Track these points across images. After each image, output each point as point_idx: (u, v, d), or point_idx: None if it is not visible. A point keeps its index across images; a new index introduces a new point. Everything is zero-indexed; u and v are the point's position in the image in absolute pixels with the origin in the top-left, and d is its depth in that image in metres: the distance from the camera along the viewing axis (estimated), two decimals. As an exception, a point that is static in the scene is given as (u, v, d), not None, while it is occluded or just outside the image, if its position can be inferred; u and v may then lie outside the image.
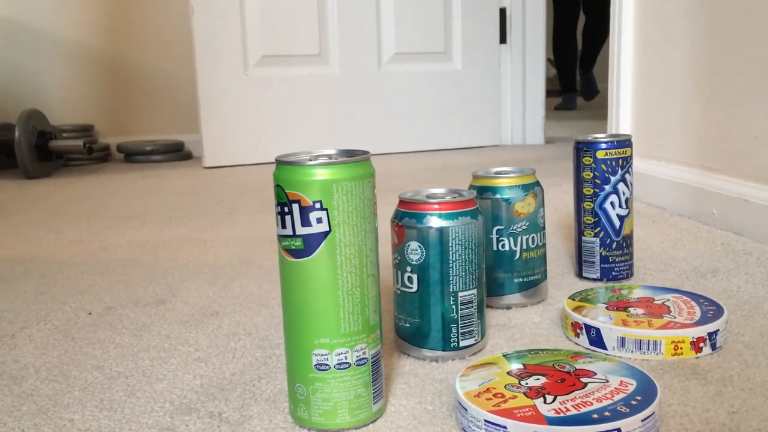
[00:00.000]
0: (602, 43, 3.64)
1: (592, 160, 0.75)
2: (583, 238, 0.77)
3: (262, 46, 1.92)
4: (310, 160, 0.46)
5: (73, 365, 0.60)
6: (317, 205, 0.44)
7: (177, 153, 2.19)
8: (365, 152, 0.47)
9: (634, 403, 0.44)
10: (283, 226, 0.46)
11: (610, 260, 0.76)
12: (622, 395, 0.45)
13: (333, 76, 2.00)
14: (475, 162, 1.85)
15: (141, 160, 2.14)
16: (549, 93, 3.33)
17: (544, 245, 0.71)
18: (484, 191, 0.69)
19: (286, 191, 0.45)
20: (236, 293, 0.79)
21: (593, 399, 0.45)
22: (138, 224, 1.21)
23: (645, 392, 0.45)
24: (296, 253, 0.45)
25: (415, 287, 0.57)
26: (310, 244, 0.45)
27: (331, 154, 0.48)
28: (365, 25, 2.01)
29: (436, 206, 0.56)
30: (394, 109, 2.07)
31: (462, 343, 0.58)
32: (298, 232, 0.45)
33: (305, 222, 0.45)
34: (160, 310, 0.74)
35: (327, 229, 0.45)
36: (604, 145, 0.75)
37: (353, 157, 0.46)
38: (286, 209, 0.45)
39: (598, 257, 0.76)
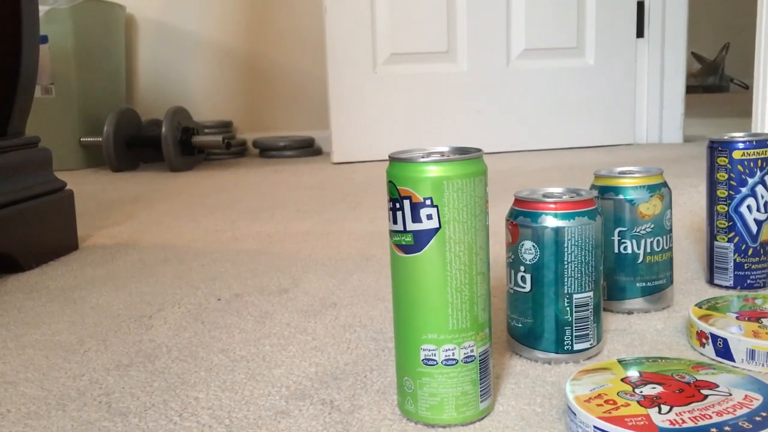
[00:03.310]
0: None
1: (727, 160, 0.71)
2: (716, 243, 0.73)
3: (391, 44, 1.95)
4: (423, 157, 0.46)
5: (201, 347, 0.64)
6: (428, 202, 0.45)
7: (308, 149, 2.27)
8: (478, 149, 0.47)
9: (758, 419, 0.41)
10: (395, 222, 0.47)
11: (745, 267, 0.71)
12: (745, 410, 0.42)
13: (461, 73, 2.00)
14: (607, 161, 1.79)
15: (275, 155, 2.24)
16: (691, 89, 3.15)
17: (670, 249, 0.68)
18: (606, 191, 0.67)
19: (398, 187, 0.46)
20: (354, 286, 0.81)
21: (713, 412, 0.42)
22: (268, 216, 1.26)
23: (772, 409, 0.42)
24: (406, 249, 0.46)
25: (528, 287, 0.56)
26: (420, 240, 0.46)
27: (443, 152, 0.48)
28: (494, 21, 1.99)
29: (552, 205, 0.55)
30: (522, 106, 2.04)
31: (576, 347, 0.56)
32: (408, 228, 0.46)
33: (416, 218, 0.45)
34: (283, 299, 0.77)
35: (437, 225, 0.45)
36: (741, 145, 0.70)
37: (465, 154, 0.46)
38: (398, 205, 0.46)
39: (732, 264, 0.72)
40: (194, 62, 2.34)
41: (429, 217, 0.45)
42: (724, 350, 0.55)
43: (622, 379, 0.48)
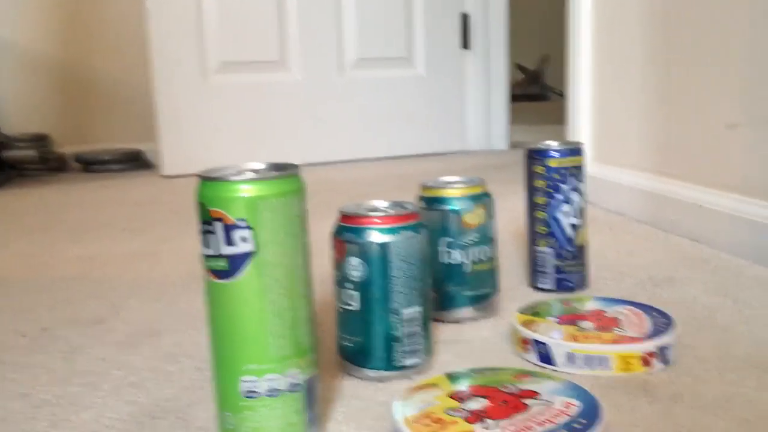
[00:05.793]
0: None
1: (544, 168, 0.73)
2: (536, 248, 0.75)
3: (221, 52, 1.89)
4: (234, 175, 0.43)
5: (-3, 393, 0.57)
6: (241, 224, 0.42)
7: (136, 162, 2.14)
8: (294, 166, 0.45)
9: (577, 426, 0.42)
10: (207, 246, 0.43)
11: (564, 270, 0.74)
12: (565, 418, 0.43)
13: (294, 82, 1.97)
14: (440, 168, 1.83)
15: (99, 170, 2.09)
16: (516, 98, 3.33)
17: (495, 258, 0.69)
18: (432, 202, 0.67)
19: (209, 209, 0.42)
20: (182, 310, 0.76)
21: (535, 423, 0.43)
22: (89, 237, 1.17)
23: (589, 414, 0.43)
24: (221, 274, 0.43)
25: (356, 305, 0.55)
26: (235, 264, 0.42)
27: (258, 169, 0.45)
28: (326, 31, 1.99)
29: (377, 220, 0.54)
30: (357, 115, 2.05)
31: (406, 362, 0.55)
32: (222, 252, 0.43)
33: (229, 241, 0.42)
34: (99, 331, 0.71)
35: (252, 248, 0.42)
36: (555, 153, 0.73)
37: (280, 171, 0.44)
38: (209, 228, 0.43)
39: (552, 267, 0.75)
40: (0, 70, 2.13)
41: (243, 239, 0.42)
42: (545, 355, 0.56)
43: (450, 395, 0.47)
